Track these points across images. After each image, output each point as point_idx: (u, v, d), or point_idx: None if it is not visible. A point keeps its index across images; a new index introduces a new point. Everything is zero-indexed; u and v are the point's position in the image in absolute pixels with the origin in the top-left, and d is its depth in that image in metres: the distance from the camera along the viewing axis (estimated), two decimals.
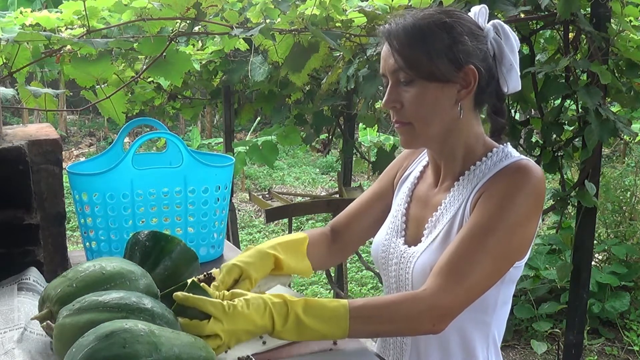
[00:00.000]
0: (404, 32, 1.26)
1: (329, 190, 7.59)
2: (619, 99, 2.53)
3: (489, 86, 1.29)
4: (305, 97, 3.61)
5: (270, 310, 1.13)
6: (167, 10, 2.12)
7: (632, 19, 2.42)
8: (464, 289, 1.19)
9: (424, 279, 1.28)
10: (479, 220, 1.23)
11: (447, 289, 1.18)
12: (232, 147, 3.97)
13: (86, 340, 0.96)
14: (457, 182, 1.33)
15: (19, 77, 2.22)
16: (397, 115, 1.30)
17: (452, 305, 1.20)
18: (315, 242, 1.49)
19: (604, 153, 4.05)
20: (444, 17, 1.26)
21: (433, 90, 1.26)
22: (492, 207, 1.23)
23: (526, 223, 1.24)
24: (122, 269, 1.22)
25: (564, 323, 3.12)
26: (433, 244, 1.31)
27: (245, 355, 1.24)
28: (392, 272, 1.39)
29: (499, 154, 1.32)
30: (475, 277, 1.20)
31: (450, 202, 1.32)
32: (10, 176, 1.36)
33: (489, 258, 1.20)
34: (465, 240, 1.21)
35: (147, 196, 1.65)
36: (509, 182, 1.24)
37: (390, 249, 1.41)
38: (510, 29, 1.31)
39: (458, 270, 1.19)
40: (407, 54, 1.25)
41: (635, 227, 4.32)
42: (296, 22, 2.29)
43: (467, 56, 1.25)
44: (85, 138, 10.65)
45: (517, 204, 1.22)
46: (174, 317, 1.14)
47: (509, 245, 1.23)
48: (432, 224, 1.34)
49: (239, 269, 1.30)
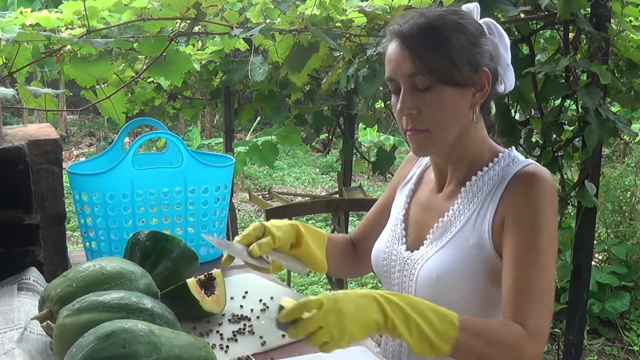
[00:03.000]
0: (420, 33, 1.20)
1: (329, 190, 7.59)
2: (619, 99, 2.53)
3: (493, 88, 1.28)
4: (305, 97, 3.61)
5: (375, 297, 1.07)
6: (167, 10, 2.12)
7: (632, 19, 2.42)
8: (548, 319, 1.18)
9: (428, 285, 1.26)
10: (524, 242, 1.19)
11: (539, 326, 1.16)
12: (232, 147, 3.97)
13: (86, 340, 0.96)
14: (464, 189, 1.30)
15: (19, 77, 2.22)
16: (413, 123, 1.24)
17: (545, 341, 1.18)
18: (337, 242, 1.49)
19: (604, 153, 4.05)
20: (457, 18, 1.22)
21: (452, 95, 1.22)
22: (526, 228, 1.20)
23: (555, 225, 1.24)
24: (122, 269, 1.22)
25: (564, 323, 3.12)
26: (441, 250, 1.27)
27: (245, 355, 1.24)
28: (395, 280, 1.36)
29: (505, 159, 1.29)
30: (551, 302, 1.19)
31: (459, 210, 1.29)
32: (10, 176, 1.36)
33: (551, 278, 1.20)
34: (526, 268, 1.18)
35: (147, 196, 1.65)
36: (531, 197, 1.21)
37: (392, 255, 1.38)
38: (501, 27, 1.30)
39: (537, 302, 1.17)
40: (427, 58, 1.20)
41: (635, 227, 4.32)
42: (296, 22, 2.29)
43: (482, 58, 1.23)
44: (85, 138, 10.64)
45: (546, 214, 1.21)
46: (174, 317, 1.14)
47: (554, 253, 1.23)
48: (438, 230, 1.30)
49: (263, 228, 1.30)
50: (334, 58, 2.72)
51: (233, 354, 1.25)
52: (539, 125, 2.51)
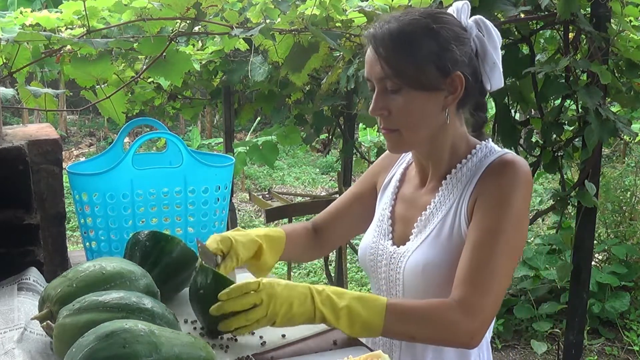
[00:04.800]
0: (390, 38, 1.24)
1: (329, 190, 7.59)
2: (619, 99, 2.53)
3: (474, 88, 1.30)
4: (305, 97, 3.61)
5: (307, 286, 1.20)
6: (167, 10, 2.12)
7: (632, 19, 2.42)
8: (492, 298, 1.21)
9: (415, 277, 1.31)
10: (485, 225, 1.24)
11: (475, 300, 1.19)
12: (232, 147, 3.97)
13: (86, 340, 0.96)
14: (444, 181, 1.34)
15: (19, 77, 2.22)
16: (385, 123, 1.30)
17: (485, 318, 1.21)
18: (297, 235, 1.52)
19: (604, 153, 4.05)
20: (430, 23, 1.24)
21: (420, 98, 1.25)
22: (493, 210, 1.24)
23: (525, 215, 1.27)
24: (122, 269, 1.22)
25: (564, 323, 3.12)
26: (425, 242, 1.32)
27: (245, 355, 1.24)
28: (382, 274, 1.40)
29: (482, 150, 1.34)
30: (498, 281, 1.21)
31: (440, 202, 1.34)
32: (10, 176, 1.36)
33: (505, 259, 1.23)
34: (479, 248, 1.22)
35: (147, 196, 1.65)
36: (502, 181, 1.26)
37: (379, 250, 1.42)
38: (492, 25, 1.31)
39: (481, 279, 1.20)
40: (394, 63, 1.24)
41: (635, 227, 4.33)
42: (296, 22, 2.29)
43: (454, 63, 1.24)
44: (85, 138, 10.65)
45: (514, 200, 1.24)
46: (174, 317, 1.14)
47: (517, 241, 1.25)
48: (421, 223, 1.35)
49: (230, 242, 1.34)
50: (334, 58, 2.72)
51: (233, 354, 1.25)
52: (539, 125, 2.51)
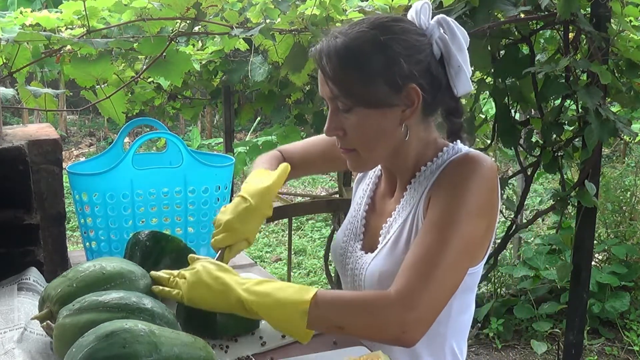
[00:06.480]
0: (337, 55, 1.16)
1: (329, 190, 7.58)
2: (619, 99, 2.53)
3: (437, 97, 1.21)
4: (305, 97, 3.61)
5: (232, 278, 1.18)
6: (167, 10, 2.12)
7: (632, 19, 2.42)
8: (434, 291, 1.11)
9: (372, 287, 1.28)
10: (434, 216, 1.17)
11: (413, 289, 1.10)
12: (232, 147, 3.97)
13: (86, 340, 0.96)
14: (408, 186, 1.29)
15: (19, 77, 2.22)
16: (341, 143, 1.24)
17: (423, 311, 1.10)
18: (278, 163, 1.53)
19: (604, 153, 4.05)
20: (378, 35, 1.16)
21: (374, 116, 1.18)
22: (444, 201, 1.17)
23: (481, 214, 1.17)
24: (122, 269, 1.22)
25: (564, 323, 3.12)
26: (381, 252, 1.30)
27: (245, 355, 1.24)
28: (348, 277, 1.40)
29: (449, 152, 1.27)
30: (443, 275, 1.12)
31: (402, 208, 1.29)
32: (10, 176, 1.36)
33: (455, 253, 1.13)
34: (425, 238, 1.15)
35: (147, 196, 1.65)
36: (457, 173, 1.19)
37: (348, 252, 1.41)
38: (457, 24, 1.21)
39: (424, 270, 1.11)
40: (341, 82, 1.17)
41: (635, 227, 4.32)
42: (296, 22, 2.29)
43: (405, 77, 1.16)
44: (85, 138, 10.64)
45: (469, 193, 1.15)
46: (174, 317, 1.14)
47: (467, 236, 1.15)
48: (385, 231, 1.32)
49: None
50: None
51: (233, 354, 1.25)
52: (539, 125, 2.52)
